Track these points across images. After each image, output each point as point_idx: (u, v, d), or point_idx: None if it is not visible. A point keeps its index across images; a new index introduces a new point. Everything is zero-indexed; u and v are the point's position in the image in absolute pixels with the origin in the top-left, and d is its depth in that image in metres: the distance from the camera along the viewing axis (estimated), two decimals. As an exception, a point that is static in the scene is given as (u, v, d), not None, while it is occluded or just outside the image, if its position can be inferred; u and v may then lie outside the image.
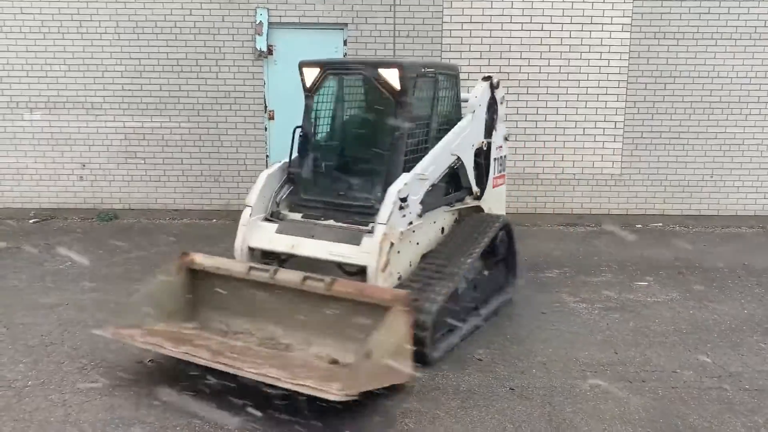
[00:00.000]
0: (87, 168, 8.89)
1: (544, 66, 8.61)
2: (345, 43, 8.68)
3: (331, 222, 4.93)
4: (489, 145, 5.79)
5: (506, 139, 6.17)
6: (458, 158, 5.32)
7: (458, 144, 5.30)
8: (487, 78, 5.79)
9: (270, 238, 4.95)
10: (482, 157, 5.71)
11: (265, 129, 8.80)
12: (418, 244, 4.93)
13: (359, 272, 4.68)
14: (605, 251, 7.56)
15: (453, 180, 5.43)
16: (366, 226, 4.69)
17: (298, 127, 5.31)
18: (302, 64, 5.35)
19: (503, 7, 8.50)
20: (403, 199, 4.56)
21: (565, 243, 7.95)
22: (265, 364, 3.85)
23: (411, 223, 4.70)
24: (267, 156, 8.90)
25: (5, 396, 3.95)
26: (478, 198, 5.73)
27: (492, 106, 5.83)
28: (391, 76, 4.81)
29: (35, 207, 8.96)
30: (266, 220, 5.09)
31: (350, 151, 5.45)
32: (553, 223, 8.81)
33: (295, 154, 5.30)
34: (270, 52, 8.70)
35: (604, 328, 5.19)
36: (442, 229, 5.33)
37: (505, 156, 6.19)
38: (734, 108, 8.72)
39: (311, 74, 5.26)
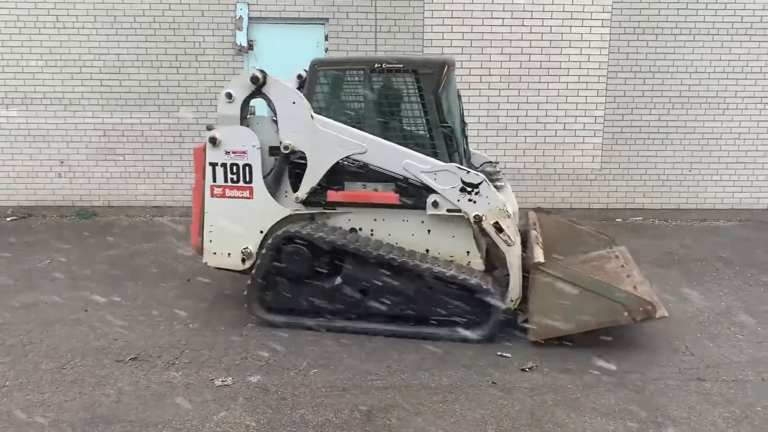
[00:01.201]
0: (65, 165, 8.77)
1: (525, 61, 8.64)
2: (326, 38, 8.64)
3: None
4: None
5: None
6: None
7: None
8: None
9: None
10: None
11: (246, 125, 8.73)
12: None
13: None
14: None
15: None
16: None
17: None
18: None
19: (484, 2, 8.51)
20: None
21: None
22: None
23: None
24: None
25: (-18, 397, 3.90)
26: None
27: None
28: None
29: (12, 205, 8.83)
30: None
31: None
32: (535, 218, 8.85)
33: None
34: (250, 47, 8.63)
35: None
36: None
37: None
38: (712, 102, 8.81)
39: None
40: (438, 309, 4.82)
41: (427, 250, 5.04)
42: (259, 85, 4.96)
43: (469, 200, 4.82)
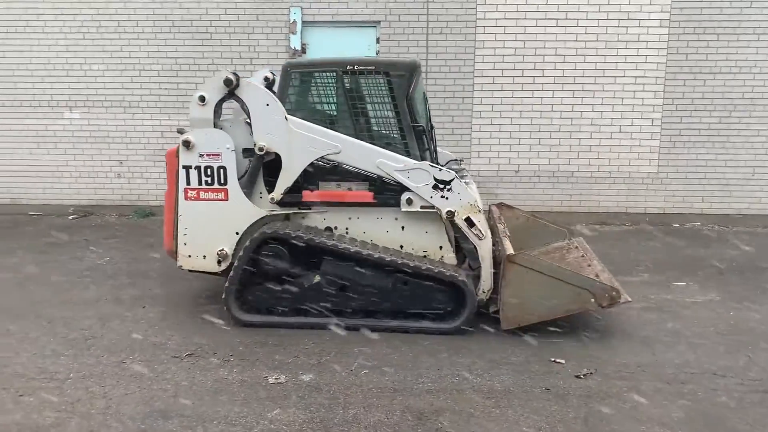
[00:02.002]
0: (124, 165, 9.06)
1: (579, 63, 8.50)
2: (378, 40, 8.68)
3: None
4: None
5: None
6: None
7: None
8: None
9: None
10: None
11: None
12: None
13: None
14: (642, 251, 7.43)
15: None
16: None
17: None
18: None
19: (538, 3, 8.41)
20: None
21: (599, 242, 7.82)
22: None
23: None
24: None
25: (48, 388, 4.04)
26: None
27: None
28: None
29: (74, 203, 9.16)
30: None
31: None
32: (588, 222, 8.69)
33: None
34: (303, 50, 8.75)
35: (641, 329, 5.10)
36: None
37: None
38: (777, 104, 8.50)
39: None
40: (415, 303, 4.97)
41: (402, 246, 5.14)
42: (232, 88, 5.00)
43: (442, 197, 4.95)
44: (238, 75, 5.03)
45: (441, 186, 4.94)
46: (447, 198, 4.95)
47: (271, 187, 5.14)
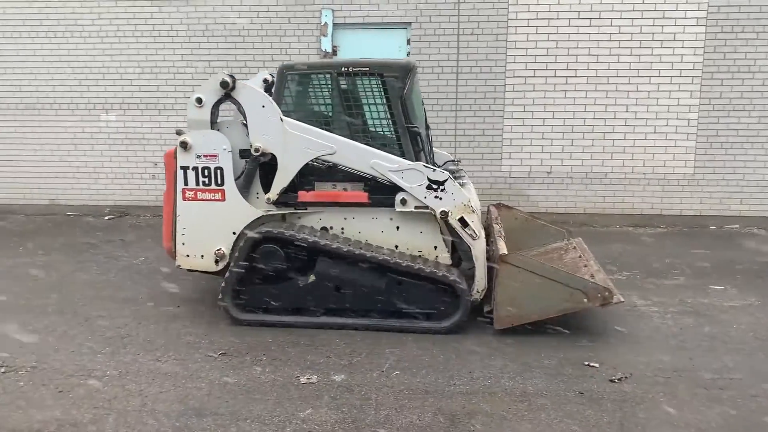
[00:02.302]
0: (159, 167, 9.20)
1: (613, 62, 8.38)
2: (408, 42, 8.68)
3: None
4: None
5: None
6: None
7: None
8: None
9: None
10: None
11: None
12: None
13: None
14: (678, 253, 7.29)
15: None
16: None
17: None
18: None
19: (571, 2, 8.32)
20: None
21: (634, 244, 7.72)
22: None
23: None
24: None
25: (86, 385, 4.13)
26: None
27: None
28: None
29: (110, 204, 9.35)
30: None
31: None
32: (622, 224, 8.57)
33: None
34: (334, 52, 8.79)
35: (677, 333, 5.00)
36: None
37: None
38: (819, 104, 8.27)
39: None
40: (409, 302, 4.99)
41: (397, 246, 5.16)
42: (228, 90, 5.05)
43: (436, 197, 4.96)
44: (234, 77, 5.11)
45: (435, 186, 4.96)
46: (441, 198, 4.96)
47: (268, 188, 5.20)
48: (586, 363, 4.45)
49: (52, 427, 3.63)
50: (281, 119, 5.06)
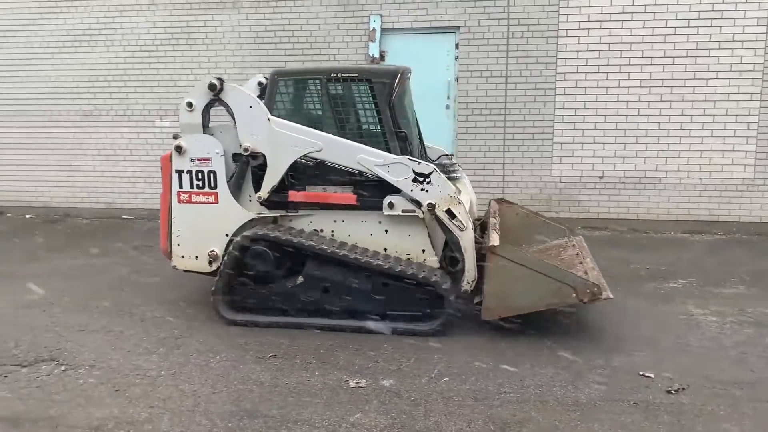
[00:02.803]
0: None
1: (668, 65, 8.17)
2: (457, 46, 8.65)
3: None
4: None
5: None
6: None
7: None
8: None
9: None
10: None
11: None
12: None
13: None
14: (737, 261, 7.04)
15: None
16: None
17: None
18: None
19: (624, 4, 8.15)
20: None
21: (690, 252, 7.49)
22: None
23: None
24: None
25: (141, 384, 4.23)
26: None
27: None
28: None
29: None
30: None
31: None
32: (677, 231, 8.33)
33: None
34: (382, 57, 8.82)
35: (737, 344, 4.82)
36: None
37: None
38: None
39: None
40: (395, 304, 5.04)
41: (386, 249, 5.22)
42: (216, 92, 5.18)
43: (422, 189, 5.00)
44: (223, 79, 5.24)
45: (421, 179, 4.99)
46: (427, 191, 4.99)
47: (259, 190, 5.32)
48: (641, 373, 4.33)
49: (110, 424, 3.73)
50: (268, 119, 5.19)
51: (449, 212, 4.98)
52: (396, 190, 5.09)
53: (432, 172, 5.00)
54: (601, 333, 5.02)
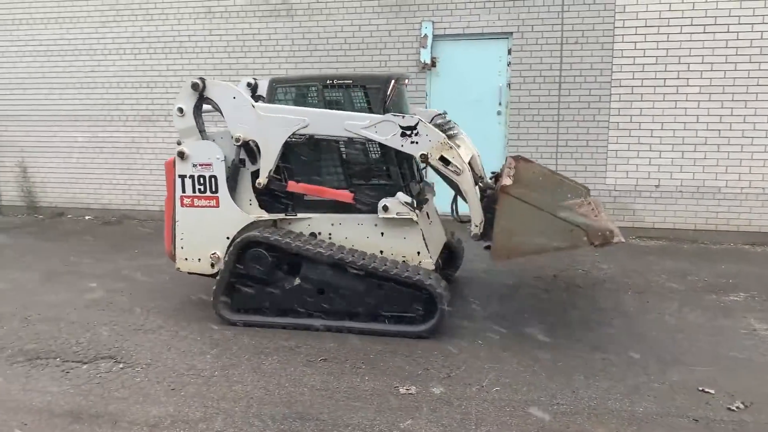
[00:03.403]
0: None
1: (729, 70, 7.91)
2: (509, 52, 8.57)
3: None
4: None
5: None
6: None
7: None
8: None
9: None
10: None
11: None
12: None
13: None
14: (802, 275, 6.76)
15: None
16: None
17: None
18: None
19: (683, 9, 7.93)
20: None
21: (752, 264, 7.21)
22: None
23: None
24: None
25: (196, 383, 4.32)
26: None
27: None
28: None
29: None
30: None
31: None
32: (738, 242, 8.04)
33: None
34: (433, 63, 8.81)
35: (804, 362, 4.62)
36: None
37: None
38: None
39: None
40: (388, 305, 5.11)
41: (382, 251, 5.30)
42: (200, 90, 5.33)
43: (412, 142, 5.06)
44: (204, 78, 5.39)
45: (408, 132, 5.05)
46: (417, 142, 5.05)
47: (260, 197, 5.48)
48: (701, 388, 4.19)
49: (166, 422, 3.82)
50: (253, 106, 5.31)
51: (443, 159, 5.03)
52: (391, 194, 5.21)
53: (417, 122, 5.05)
54: (658, 346, 4.87)
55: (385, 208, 5.18)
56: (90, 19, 9.89)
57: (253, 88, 6.20)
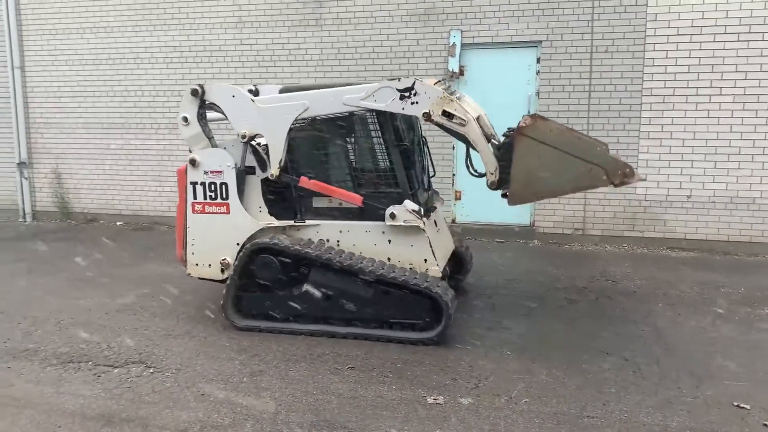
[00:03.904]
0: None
1: (764, 79, 7.78)
2: (538, 60, 8.53)
3: None
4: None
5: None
6: None
7: None
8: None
9: None
10: None
11: (453, 147, 8.89)
12: None
13: None
14: (840, 288, 6.58)
15: None
16: None
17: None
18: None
19: (716, 17, 7.83)
20: None
21: (787, 277, 7.05)
22: None
23: None
24: (453, 174, 9.00)
25: (225, 389, 4.35)
26: None
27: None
28: None
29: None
30: None
31: None
32: (772, 254, 7.88)
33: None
34: (461, 72, 8.81)
35: (844, 378, 4.49)
36: None
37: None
38: None
39: None
40: (395, 312, 5.13)
41: (389, 259, 5.31)
42: (201, 95, 5.44)
43: (412, 103, 5.04)
44: (202, 84, 5.48)
45: (407, 94, 5.04)
46: (417, 102, 5.03)
47: (270, 204, 5.53)
48: (736, 404, 4.10)
49: (195, 427, 3.85)
50: (252, 100, 5.38)
51: (446, 113, 4.97)
52: (398, 201, 5.20)
53: (414, 82, 5.03)
54: (690, 359, 4.78)
55: (393, 216, 5.20)
56: (123, 28, 10.09)
57: (254, 94, 6.23)
